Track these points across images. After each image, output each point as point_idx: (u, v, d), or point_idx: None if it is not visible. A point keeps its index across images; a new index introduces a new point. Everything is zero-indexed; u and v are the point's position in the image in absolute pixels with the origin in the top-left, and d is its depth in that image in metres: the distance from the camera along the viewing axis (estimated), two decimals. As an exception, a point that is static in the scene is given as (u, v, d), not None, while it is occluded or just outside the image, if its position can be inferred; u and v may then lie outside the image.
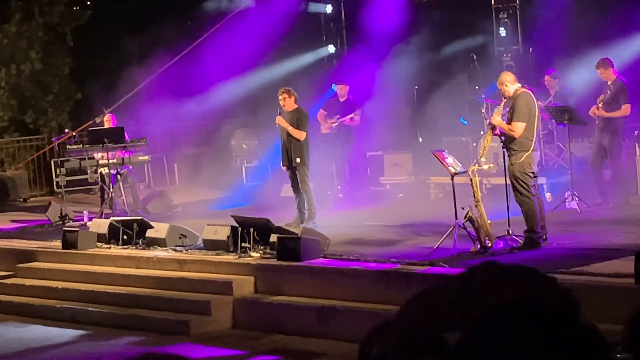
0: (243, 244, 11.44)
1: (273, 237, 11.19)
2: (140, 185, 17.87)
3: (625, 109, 13.30)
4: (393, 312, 8.64)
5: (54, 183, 19.69)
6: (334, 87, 17.38)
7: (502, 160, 11.14)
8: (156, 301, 11.24)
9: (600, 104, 13.35)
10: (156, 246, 12.48)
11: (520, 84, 10.92)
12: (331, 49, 21.06)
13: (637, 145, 14.34)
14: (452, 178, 11.04)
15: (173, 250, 12.28)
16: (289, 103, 13.54)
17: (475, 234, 10.39)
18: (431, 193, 16.08)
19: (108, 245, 12.93)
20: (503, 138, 10.76)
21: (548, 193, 14.07)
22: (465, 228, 10.43)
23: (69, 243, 13.01)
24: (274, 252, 11.06)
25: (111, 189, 15.71)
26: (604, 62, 13.50)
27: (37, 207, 17.92)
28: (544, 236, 10.75)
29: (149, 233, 12.70)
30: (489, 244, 10.41)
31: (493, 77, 12.10)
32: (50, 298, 12.19)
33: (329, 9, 20.90)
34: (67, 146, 16.98)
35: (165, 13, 20.26)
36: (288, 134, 13.41)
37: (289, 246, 10.85)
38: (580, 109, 13.76)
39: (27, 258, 13.46)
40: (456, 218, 10.67)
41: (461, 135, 16.30)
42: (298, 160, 13.37)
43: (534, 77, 16.34)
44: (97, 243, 13.00)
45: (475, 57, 17.46)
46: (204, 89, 19.64)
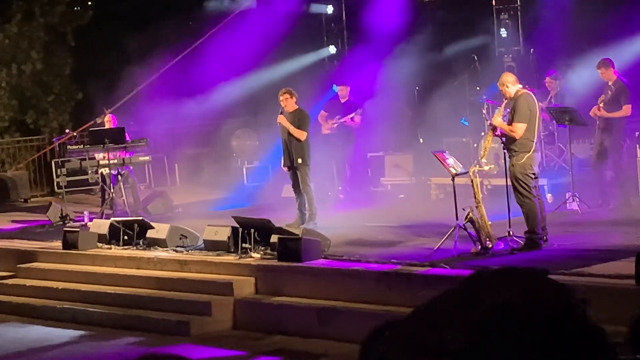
0: (244, 245, 11.43)
1: (274, 238, 11.18)
2: (140, 185, 17.88)
3: (626, 110, 13.29)
4: (394, 313, 8.60)
5: (55, 183, 19.70)
6: (335, 88, 17.38)
7: (503, 161, 11.13)
8: (157, 302, 11.23)
9: (601, 104, 13.34)
10: (157, 247, 12.48)
11: (521, 85, 10.91)
12: (332, 50, 21.07)
13: (638, 146, 14.33)
14: (453, 179, 11.03)
15: (174, 250, 12.27)
16: (290, 103, 13.53)
17: (476, 235, 10.38)
18: (432, 194, 16.07)
19: (109, 245, 12.93)
20: (504, 139, 10.75)
21: (549, 194, 14.07)
22: (465, 229, 10.42)
23: (70, 243, 13.01)
24: (275, 253, 11.06)
25: (112, 190, 15.71)
26: (605, 62, 13.49)
27: (38, 208, 17.91)
28: (545, 237, 10.74)
29: (150, 233, 12.69)
30: (490, 245, 10.41)
31: (494, 78, 12.08)
32: (50, 298, 12.19)
33: (330, 10, 20.90)
34: (68, 146, 16.99)
35: (166, 13, 20.24)
36: (289, 134, 13.40)
37: (290, 247, 10.85)
38: (580, 110, 13.75)
39: (28, 258, 13.46)
40: (457, 219, 10.66)
41: (462, 136, 16.31)
42: (300, 160, 13.36)
43: (535, 78, 16.34)
44: (98, 243, 12.99)
45: (476, 58, 17.45)
46: (205, 89, 19.63)
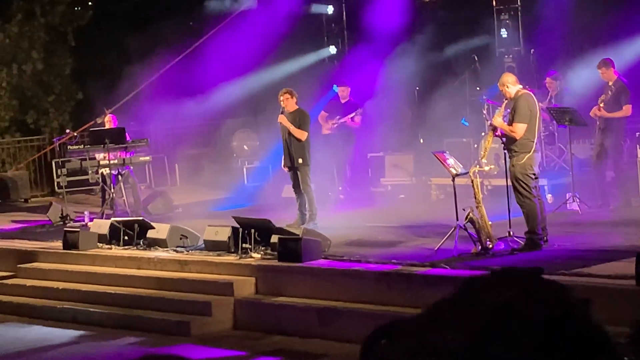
0: (244, 245, 11.43)
1: (274, 238, 11.18)
2: (141, 185, 17.88)
3: (626, 110, 13.30)
4: (394, 313, 8.59)
5: (55, 183, 19.70)
6: (335, 89, 17.39)
7: (503, 161, 11.13)
8: (157, 302, 11.23)
9: (601, 105, 13.34)
10: (157, 247, 12.48)
11: (521, 86, 10.91)
12: (332, 50, 21.08)
13: (638, 146, 14.32)
14: (453, 179, 11.03)
15: (174, 250, 12.27)
16: (291, 104, 13.52)
17: (476, 235, 10.38)
18: (432, 194, 16.08)
19: (109, 245, 12.92)
20: (504, 139, 10.75)
21: (549, 194, 14.08)
22: (466, 229, 10.42)
23: (70, 243, 13.01)
24: (275, 253, 11.05)
25: (112, 190, 15.71)
26: (605, 62, 13.50)
27: (38, 208, 17.91)
28: (545, 237, 10.74)
29: (150, 234, 12.69)
30: (490, 245, 10.41)
31: (494, 78, 12.09)
32: (51, 298, 12.18)
33: (330, 10, 20.92)
34: (68, 146, 16.99)
35: (166, 13, 20.24)
36: (289, 134, 13.40)
37: (290, 247, 10.84)
38: (581, 110, 13.75)
39: (28, 258, 13.46)
40: (457, 219, 10.67)
41: (462, 136, 16.31)
42: (300, 160, 13.36)
43: (535, 79, 16.35)
44: (98, 243, 12.99)
45: (476, 58, 17.46)
46: (205, 90, 19.63)
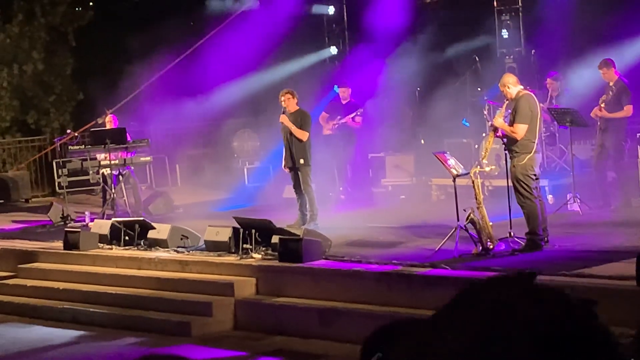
0: (245, 245, 11.43)
1: (275, 239, 11.18)
2: (142, 186, 17.88)
3: (627, 110, 13.29)
4: (395, 314, 8.58)
5: (56, 184, 19.72)
6: (336, 89, 17.38)
7: (504, 162, 11.13)
8: (158, 302, 11.23)
9: (602, 105, 13.34)
10: (158, 247, 12.48)
11: (522, 86, 10.91)
12: (333, 51, 21.08)
13: (639, 146, 14.31)
14: (454, 180, 11.03)
15: (175, 251, 12.27)
16: (292, 104, 13.51)
17: (476, 236, 10.38)
18: (433, 195, 16.07)
19: (110, 246, 12.93)
20: (505, 140, 10.75)
21: (550, 195, 14.07)
22: (466, 230, 10.41)
23: (71, 244, 13.01)
24: (276, 254, 11.05)
25: (113, 190, 15.71)
26: (606, 63, 13.50)
27: (39, 208, 17.91)
28: (546, 238, 10.73)
29: (151, 234, 12.69)
30: (491, 246, 10.41)
31: (495, 79, 12.08)
32: (51, 299, 12.18)
33: (331, 11, 20.92)
34: (69, 147, 17.02)
35: (167, 13, 20.23)
36: (291, 135, 13.39)
37: (291, 247, 10.84)
38: (582, 111, 13.75)
39: (29, 259, 13.46)
40: (458, 220, 10.66)
41: (463, 137, 16.31)
42: (302, 161, 13.35)
43: (536, 79, 16.35)
44: (99, 244, 12.99)
45: (477, 59, 17.45)
46: (206, 90, 19.64)
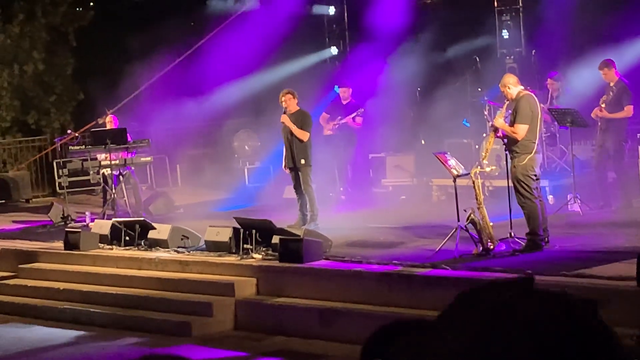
0: (245, 246, 11.43)
1: (275, 239, 11.18)
2: (142, 186, 17.87)
3: (628, 110, 13.29)
4: (395, 314, 8.58)
5: (56, 184, 19.71)
6: (337, 89, 17.38)
7: (505, 162, 11.13)
8: (158, 302, 11.23)
9: (602, 105, 13.33)
10: (158, 247, 12.48)
11: (522, 87, 10.91)
12: (334, 51, 21.07)
13: (640, 147, 14.33)
14: (455, 180, 11.02)
15: (175, 251, 12.27)
16: (292, 104, 13.51)
17: (477, 236, 10.38)
18: (433, 195, 16.07)
19: (110, 246, 12.93)
20: (505, 140, 10.75)
21: (550, 195, 14.07)
22: (467, 230, 10.41)
23: (71, 244, 13.01)
24: (276, 254, 11.05)
25: (113, 190, 15.71)
26: (607, 63, 13.50)
27: (39, 208, 17.93)
28: (546, 239, 10.73)
29: (151, 234, 12.70)
30: (491, 247, 10.41)
31: (496, 79, 12.08)
32: (52, 299, 12.18)
33: (332, 11, 20.92)
34: (70, 147, 17.02)
35: (168, 13, 20.24)
36: (291, 135, 13.39)
37: (291, 248, 10.84)
38: (582, 111, 13.74)
39: (29, 259, 13.46)
40: (458, 220, 10.66)
41: (463, 137, 16.30)
42: (302, 161, 13.35)
43: (537, 80, 16.34)
44: (99, 244, 12.99)
45: (477, 59, 17.45)
46: (207, 90, 19.64)
